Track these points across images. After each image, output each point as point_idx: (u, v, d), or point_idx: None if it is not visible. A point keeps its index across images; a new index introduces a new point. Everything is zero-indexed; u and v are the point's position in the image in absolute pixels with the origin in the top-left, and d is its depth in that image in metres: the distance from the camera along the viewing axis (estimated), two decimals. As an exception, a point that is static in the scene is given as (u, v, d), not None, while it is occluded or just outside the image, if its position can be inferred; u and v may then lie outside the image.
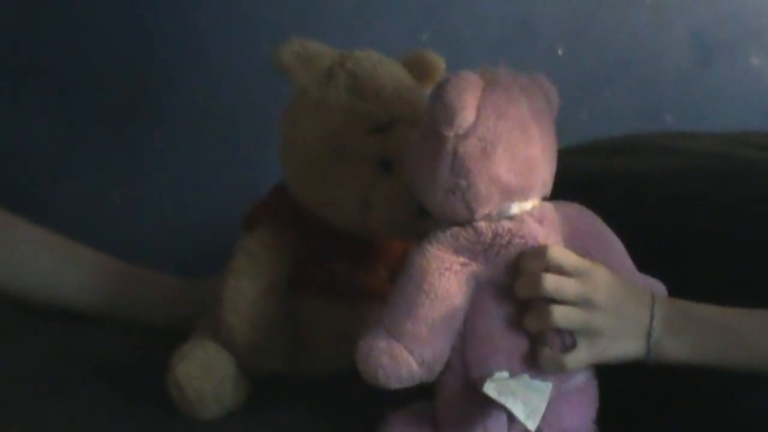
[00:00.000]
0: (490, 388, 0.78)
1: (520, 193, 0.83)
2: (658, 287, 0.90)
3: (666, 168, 1.18)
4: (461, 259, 0.82)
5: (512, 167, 0.81)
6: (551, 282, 0.81)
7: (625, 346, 0.83)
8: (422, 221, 0.88)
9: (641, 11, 1.54)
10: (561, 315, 0.81)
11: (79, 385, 0.96)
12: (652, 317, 0.83)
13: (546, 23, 1.53)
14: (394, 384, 0.79)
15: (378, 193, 0.91)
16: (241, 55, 1.44)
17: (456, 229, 0.82)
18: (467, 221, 0.82)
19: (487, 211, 0.82)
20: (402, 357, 0.79)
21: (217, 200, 1.48)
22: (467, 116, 0.79)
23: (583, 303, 0.81)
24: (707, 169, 1.18)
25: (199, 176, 1.49)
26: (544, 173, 0.85)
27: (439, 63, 0.99)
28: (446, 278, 0.81)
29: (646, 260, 1.02)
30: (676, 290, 0.97)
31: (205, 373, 0.91)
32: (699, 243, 1.03)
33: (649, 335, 0.83)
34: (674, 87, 1.55)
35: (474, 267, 0.82)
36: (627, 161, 1.22)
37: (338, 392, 0.94)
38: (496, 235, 0.82)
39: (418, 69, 0.98)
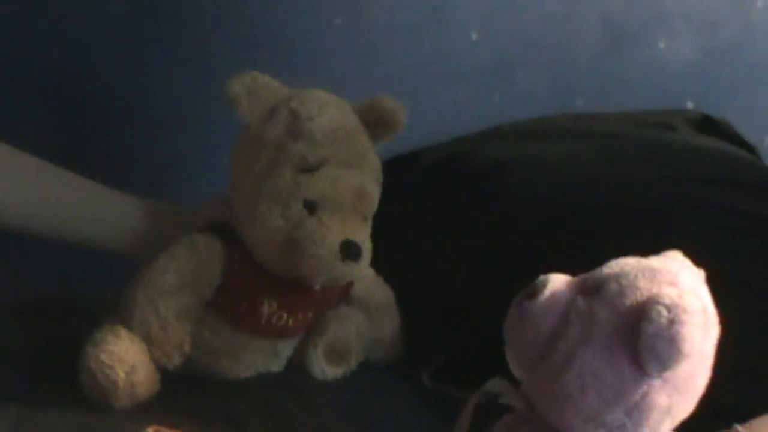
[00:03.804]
0: None
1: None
2: None
3: (573, 151, 1.21)
4: None
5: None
6: None
7: None
8: (345, 265, 0.90)
9: (553, -4, 1.56)
10: None
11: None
12: None
13: (459, 8, 1.54)
14: None
15: (301, 233, 0.91)
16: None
17: None
18: None
19: None
20: None
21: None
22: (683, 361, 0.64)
23: None
24: (613, 152, 1.20)
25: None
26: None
27: (397, 112, 0.98)
28: None
29: (554, 243, 1.05)
30: (584, 271, 1.00)
31: (117, 360, 0.90)
32: (607, 224, 1.05)
33: None
34: (585, 71, 1.57)
35: None
36: (535, 146, 1.24)
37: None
38: None
39: (373, 116, 0.98)
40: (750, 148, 1.36)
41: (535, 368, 0.67)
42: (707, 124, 1.40)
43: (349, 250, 0.92)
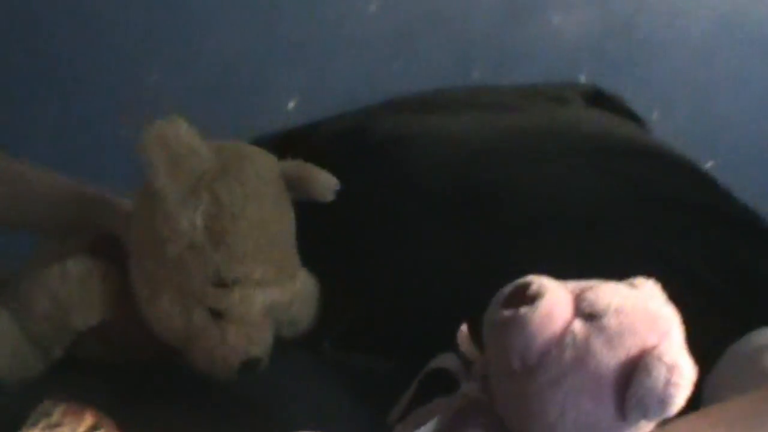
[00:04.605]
0: None
1: None
2: None
3: (471, 124, 1.23)
4: None
5: None
6: None
7: None
8: (240, 376, 0.85)
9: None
10: None
11: None
12: None
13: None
14: None
15: (201, 342, 0.86)
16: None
17: None
18: None
19: None
20: None
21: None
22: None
23: None
24: (509, 124, 1.23)
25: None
26: None
27: (327, 190, 0.91)
28: None
29: (453, 216, 1.07)
30: (484, 242, 1.02)
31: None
32: (505, 197, 1.07)
33: None
34: (482, 43, 1.59)
35: None
36: (434, 118, 1.25)
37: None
38: None
39: (301, 185, 0.91)
40: (639, 121, 1.40)
41: (514, 376, 0.65)
42: (599, 98, 1.43)
43: (248, 367, 0.86)
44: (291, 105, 1.35)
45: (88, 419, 0.79)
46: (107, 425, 0.79)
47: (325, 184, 0.91)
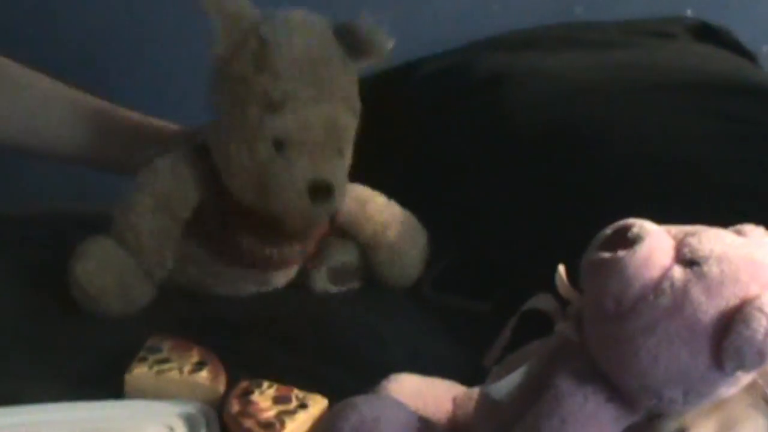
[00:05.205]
0: None
1: None
2: None
3: (571, 61, 1.20)
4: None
5: None
6: None
7: None
8: (316, 206, 0.89)
9: None
10: None
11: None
12: None
13: None
14: None
15: (269, 175, 0.89)
16: None
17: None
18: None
19: None
20: None
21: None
22: None
23: None
24: (611, 61, 1.20)
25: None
26: None
27: (373, 38, 0.93)
28: None
29: (553, 152, 1.06)
30: (583, 183, 1.01)
31: (103, 268, 0.91)
32: (605, 133, 1.06)
33: None
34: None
35: None
36: (533, 55, 1.23)
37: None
38: None
39: (350, 39, 0.93)
40: (749, 56, 1.36)
41: (608, 320, 0.64)
42: (706, 32, 1.39)
43: (318, 191, 0.89)
44: (389, 45, 1.35)
45: (195, 355, 0.82)
46: (212, 361, 0.81)
47: (369, 31, 0.93)
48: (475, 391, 0.76)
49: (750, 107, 1.09)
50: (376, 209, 1.02)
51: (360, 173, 1.02)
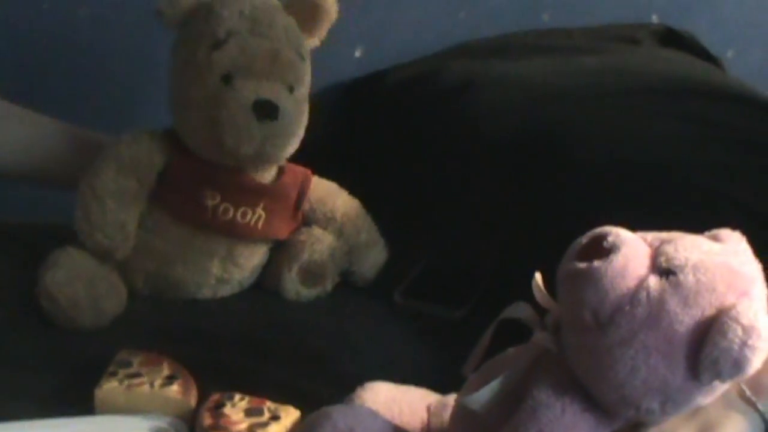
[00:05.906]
0: None
1: None
2: None
3: (539, 67, 1.21)
4: None
5: None
6: None
7: None
8: (263, 125, 0.92)
9: None
10: None
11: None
12: None
13: None
14: None
15: (218, 103, 0.93)
16: None
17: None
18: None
19: None
20: None
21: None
22: None
23: None
24: (578, 66, 1.21)
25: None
26: None
27: (326, 4, 0.99)
28: None
29: (524, 158, 1.06)
30: (552, 188, 1.01)
31: (72, 277, 0.90)
32: (574, 136, 1.06)
33: None
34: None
35: None
36: (502, 62, 1.24)
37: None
38: None
39: (300, 6, 0.99)
40: (714, 60, 1.37)
41: (585, 331, 0.64)
42: (671, 37, 1.40)
43: (263, 108, 0.93)
44: (358, 53, 1.35)
45: (165, 369, 0.81)
46: (183, 374, 0.81)
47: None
48: (450, 398, 0.76)
49: (717, 110, 1.10)
50: (342, 200, 1.05)
51: (330, 179, 1.04)
